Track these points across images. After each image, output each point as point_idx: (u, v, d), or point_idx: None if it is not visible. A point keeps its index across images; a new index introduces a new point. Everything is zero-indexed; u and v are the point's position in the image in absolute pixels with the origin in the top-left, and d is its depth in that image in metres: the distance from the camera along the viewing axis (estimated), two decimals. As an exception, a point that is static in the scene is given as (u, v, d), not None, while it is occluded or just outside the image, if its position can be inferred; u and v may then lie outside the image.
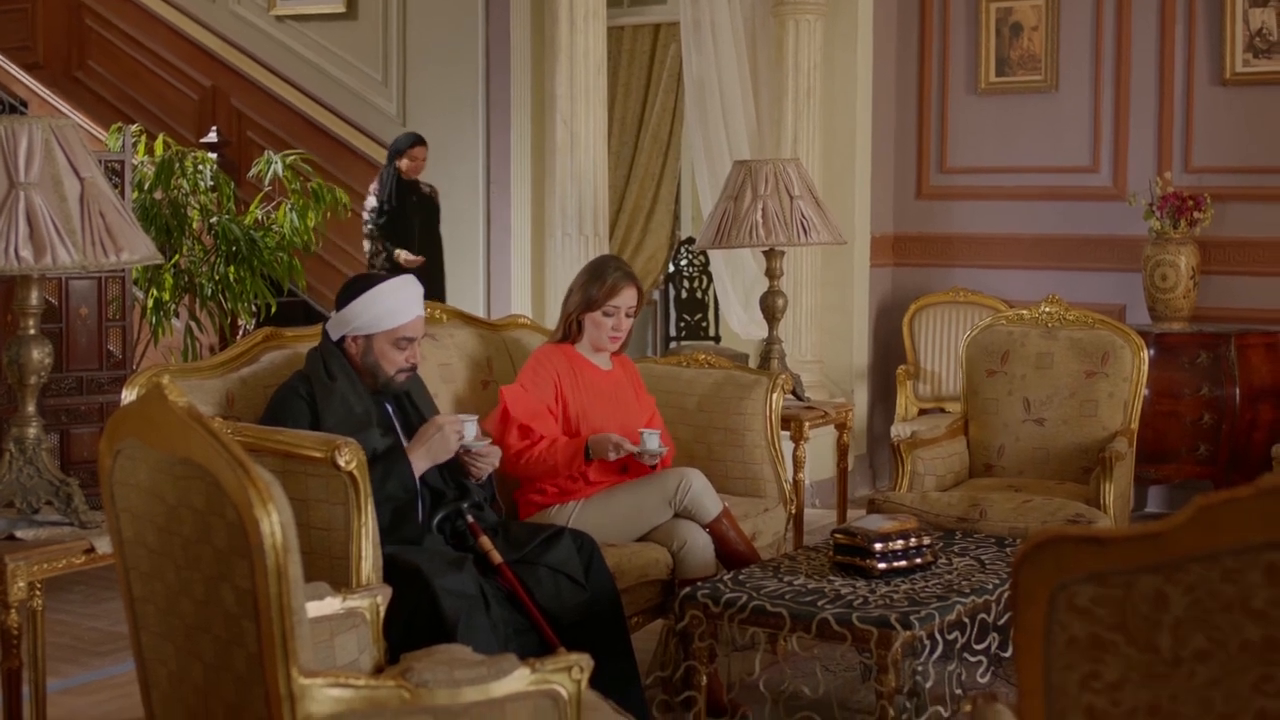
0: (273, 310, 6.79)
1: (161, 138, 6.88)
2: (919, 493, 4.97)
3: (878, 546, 3.95)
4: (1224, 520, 1.52)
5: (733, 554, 4.33)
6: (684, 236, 9.79)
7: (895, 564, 3.97)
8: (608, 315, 4.50)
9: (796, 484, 5.12)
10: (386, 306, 3.89)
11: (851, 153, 7.56)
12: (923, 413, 7.46)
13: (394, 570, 3.54)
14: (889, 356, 7.77)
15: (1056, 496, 4.89)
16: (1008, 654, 3.93)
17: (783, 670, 4.59)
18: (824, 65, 7.43)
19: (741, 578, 3.96)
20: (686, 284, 9.74)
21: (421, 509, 3.86)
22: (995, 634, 3.91)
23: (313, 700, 2.36)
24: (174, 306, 6.70)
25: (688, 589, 3.91)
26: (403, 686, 2.43)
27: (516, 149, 7.35)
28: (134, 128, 6.72)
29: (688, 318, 9.71)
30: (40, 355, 3.37)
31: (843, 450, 5.69)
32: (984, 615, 3.84)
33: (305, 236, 6.84)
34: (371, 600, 3.06)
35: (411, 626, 3.48)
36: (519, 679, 2.53)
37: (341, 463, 3.40)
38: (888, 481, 7.45)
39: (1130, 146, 7.14)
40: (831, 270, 7.53)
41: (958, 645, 3.81)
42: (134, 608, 2.66)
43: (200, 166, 6.83)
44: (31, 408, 3.41)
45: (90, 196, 3.25)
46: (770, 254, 5.67)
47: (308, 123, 8.36)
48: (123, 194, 6.02)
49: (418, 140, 7.57)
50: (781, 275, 5.70)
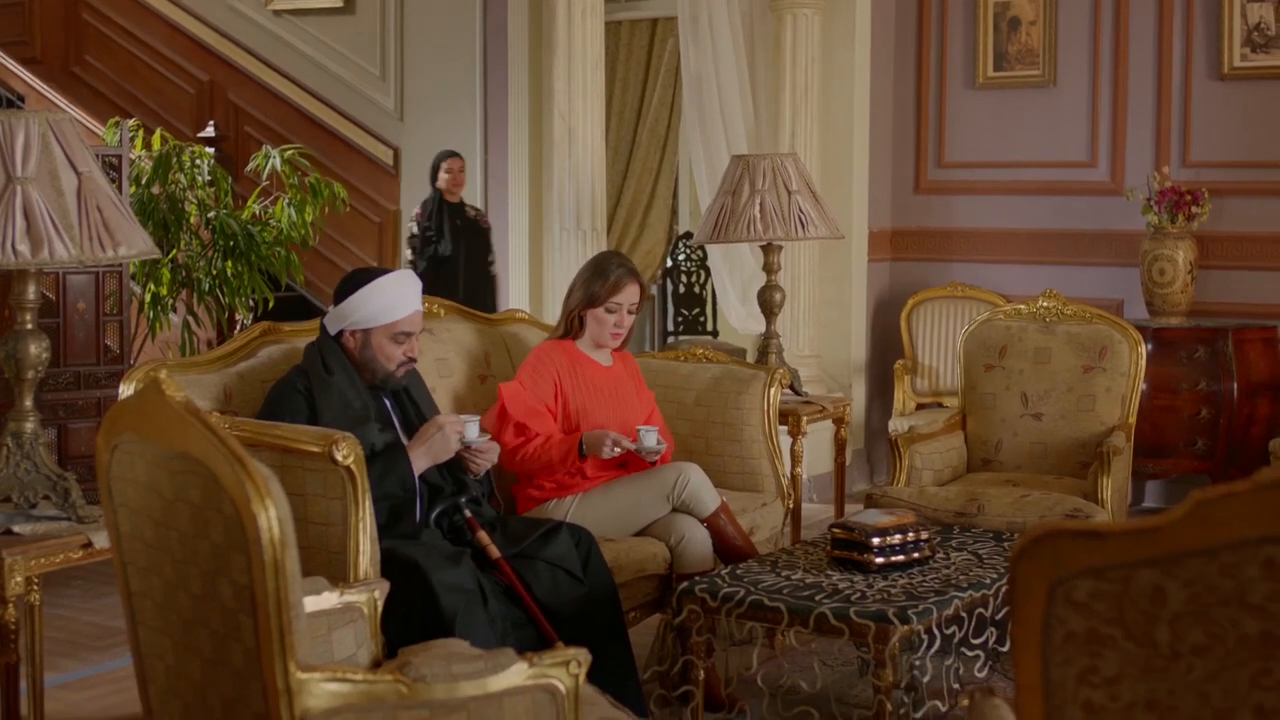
0: (270, 305, 6.77)
1: (159, 132, 6.86)
2: (917, 487, 4.97)
3: (875, 541, 3.95)
4: (1221, 515, 1.52)
5: (730, 549, 4.33)
6: (682, 231, 9.78)
7: (893, 559, 3.97)
8: (610, 312, 4.50)
9: (794, 479, 5.12)
10: (385, 301, 3.88)
11: (849, 147, 7.56)
12: (920, 407, 7.45)
13: (392, 565, 3.53)
14: (887, 351, 7.76)
15: (1054, 491, 4.90)
16: (1005, 649, 3.93)
17: (780, 665, 4.60)
18: (822, 60, 7.43)
19: (739, 572, 3.96)
20: (684, 279, 9.73)
21: (420, 507, 3.86)
22: (993, 629, 3.91)
23: (310, 695, 2.36)
24: (171, 301, 6.68)
25: (685, 583, 3.91)
26: (400, 681, 2.43)
27: (514, 144, 7.33)
28: (131, 122, 6.71)
29: (685, 312, 9.70)
30: (37, 350, 3.37)
31: (840, 445, 5.69)
32: (982, 610, 3.84)
33: (303, 231, 6.83)
34: (369, 595, 3.05)
35: (409, 621, 3.48)
36: (517, 673, 2.53)
37: (339, 457, 3.40)
38: (885, 476, 7.46)
39: (1128, 141, 7.14)
40: (829, 265, 7.53)
41: (955, 640, 3.81)
42: (131, 602, 2.66)
43: (198, 161, 6.82)
44: (29, 402, 3.41)
45: (87, 191, 3.25)
46: (768, 249, 5.66)
47: (305, 117, 8.35)
48: (120, 189, 6.01)
49: (449, 153, 7.29)
50: (779, 270, 5.70)
